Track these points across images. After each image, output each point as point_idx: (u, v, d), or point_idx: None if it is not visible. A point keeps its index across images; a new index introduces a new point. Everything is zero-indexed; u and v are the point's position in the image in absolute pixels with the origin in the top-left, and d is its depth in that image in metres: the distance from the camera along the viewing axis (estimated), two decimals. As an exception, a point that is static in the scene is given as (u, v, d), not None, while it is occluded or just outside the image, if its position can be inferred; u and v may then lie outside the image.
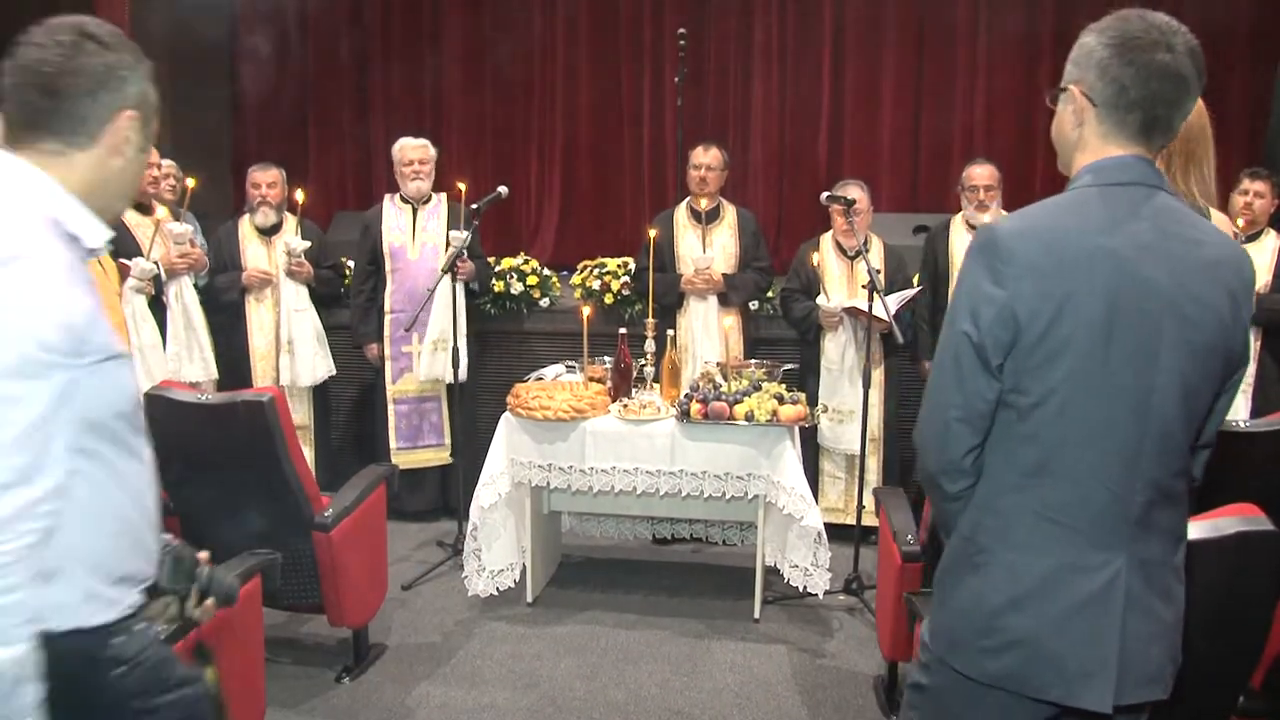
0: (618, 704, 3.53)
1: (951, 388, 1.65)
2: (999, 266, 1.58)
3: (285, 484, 3.39)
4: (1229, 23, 7.13)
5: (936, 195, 7.57)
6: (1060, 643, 1.61)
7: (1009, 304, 1.57)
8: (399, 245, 5.14)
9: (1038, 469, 1.61)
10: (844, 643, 4.02)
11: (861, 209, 4.68)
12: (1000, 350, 1.60)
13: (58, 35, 1.53)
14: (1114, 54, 1.59)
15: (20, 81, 1.53)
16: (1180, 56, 1.58)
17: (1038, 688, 1.62)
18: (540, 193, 8.32)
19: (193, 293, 4.83)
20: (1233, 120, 7.19)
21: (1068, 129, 1.69)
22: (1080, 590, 1.60)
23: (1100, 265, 1.55)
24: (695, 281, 4.90)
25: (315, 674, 3.72)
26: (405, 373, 5.17)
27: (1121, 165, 1.63)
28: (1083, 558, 1.61)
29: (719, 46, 7.98)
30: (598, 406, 4.08)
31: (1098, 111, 1.63)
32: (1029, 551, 1.63)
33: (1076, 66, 1.66)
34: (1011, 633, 1.63)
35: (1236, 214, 4.87)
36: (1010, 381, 1.61)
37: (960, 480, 1.70)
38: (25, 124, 1.53)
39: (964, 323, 1.62)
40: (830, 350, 4.80)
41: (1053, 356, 1.57)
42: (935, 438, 1.70)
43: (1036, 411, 1.60)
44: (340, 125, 8.42)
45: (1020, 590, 1.63)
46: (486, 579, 4.14)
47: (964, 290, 1.64)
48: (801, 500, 3.87)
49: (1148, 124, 1.61)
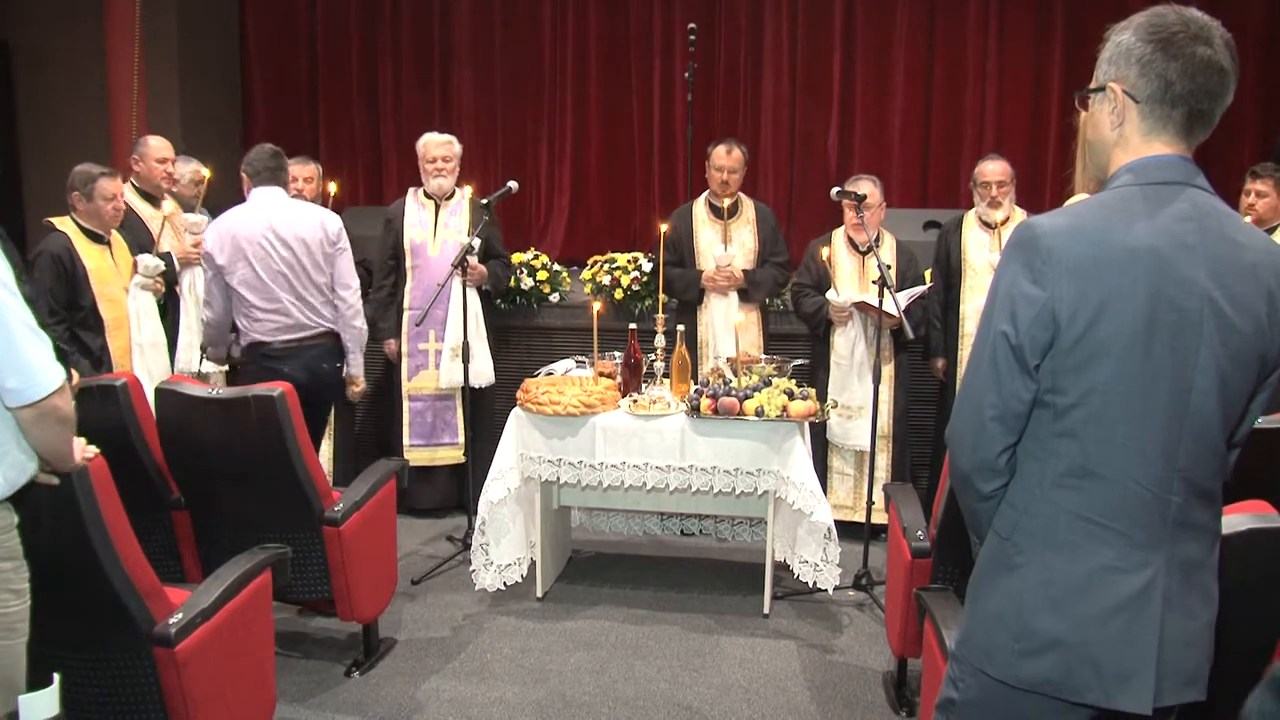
0: (627, 699, 3.53)
1: (988, 387, 1.63)
2: (1039, 265, 1.56)
3: (295, 479, 3.39)
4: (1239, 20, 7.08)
5: (948, 191, 7.55)
6: (1098, 645, 1.59)
7: (1049, 304, 1.56)
8: (420, 241, 5.14)
9: (1076, 469, 1.60)
10: (853, 639, 4.02)
11: (873, 204, 4.68)
12: (1039, 351, 1.58)
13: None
14: (1156, 50, 1.57)
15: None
16: (1220, 49, 1.57)
17: (1076, 690, 1.60)
18: (550, 188, 8.31)
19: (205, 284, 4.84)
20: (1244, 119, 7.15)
21: (1106, 129, 1.67)
22: (1119, 591, 1.58)
23: (1141, 265, 1.53)
24: (717, 279, 4.90)
25: (325, 668, 3.74)
26: (421, 370, 5.18)
27: (1163, 164, 1.61)
28: (1121, 558, 1.59)
29: (729, 41, 7.95)
30: (608, 402, 4.08)
31: (1140, 108, 1.61)
32: (1067, 552, 1.61)
33: (1114, 65, 1.63)
34: (1049, 635, 1.61)
35: (1242, 213, 4.84)
36: (1048, 381, 1.59)
37: (994, 480, 1.69)
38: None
39: (1003, 322, 1.60)
40: (840, 346, 4.79)
41: (1092, 357, 1.55)
42: (970, 437, 1.69)
43: (1074, 411, 1.58)
44: (350, 121, 8.43)
45: (1058, 591, 1.61)
46: (495, 574, 4.15)
47: (1002, 288, 1.62)
48: (811, 496, 3.87)
49: (1191, 119, 1.60)
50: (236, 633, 2.73)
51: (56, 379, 2.09)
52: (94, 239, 4.32)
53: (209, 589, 2.68)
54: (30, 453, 2.16)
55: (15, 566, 2.16)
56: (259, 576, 2.87)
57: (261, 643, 2.95)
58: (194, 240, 4.76)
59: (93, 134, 6.96)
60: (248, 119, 8.37)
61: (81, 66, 7.29)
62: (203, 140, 7.27)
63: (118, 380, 3.36)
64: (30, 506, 2.21)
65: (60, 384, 2.09)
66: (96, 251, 4.32)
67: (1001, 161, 4.85)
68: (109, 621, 2.47)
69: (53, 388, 2.08)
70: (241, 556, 2.87)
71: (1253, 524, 2.05)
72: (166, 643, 2.48)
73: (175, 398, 3.42)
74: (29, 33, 7.61)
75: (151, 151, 4.85)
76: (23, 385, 2.05)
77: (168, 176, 4.89)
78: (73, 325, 4.21)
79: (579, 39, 8.13)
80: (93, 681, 2.54)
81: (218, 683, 2.64)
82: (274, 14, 8.29)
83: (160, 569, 2.65)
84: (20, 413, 2.08)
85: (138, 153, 4.88)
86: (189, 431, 3.43)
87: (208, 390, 3.47)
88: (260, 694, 2.91)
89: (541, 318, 5.81)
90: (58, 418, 2.13)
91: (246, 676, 2.82)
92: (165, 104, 7.23)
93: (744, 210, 5.07)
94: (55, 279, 4.14)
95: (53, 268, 4.14)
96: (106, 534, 2.37)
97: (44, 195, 6.73)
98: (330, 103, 8.43)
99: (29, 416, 2.09)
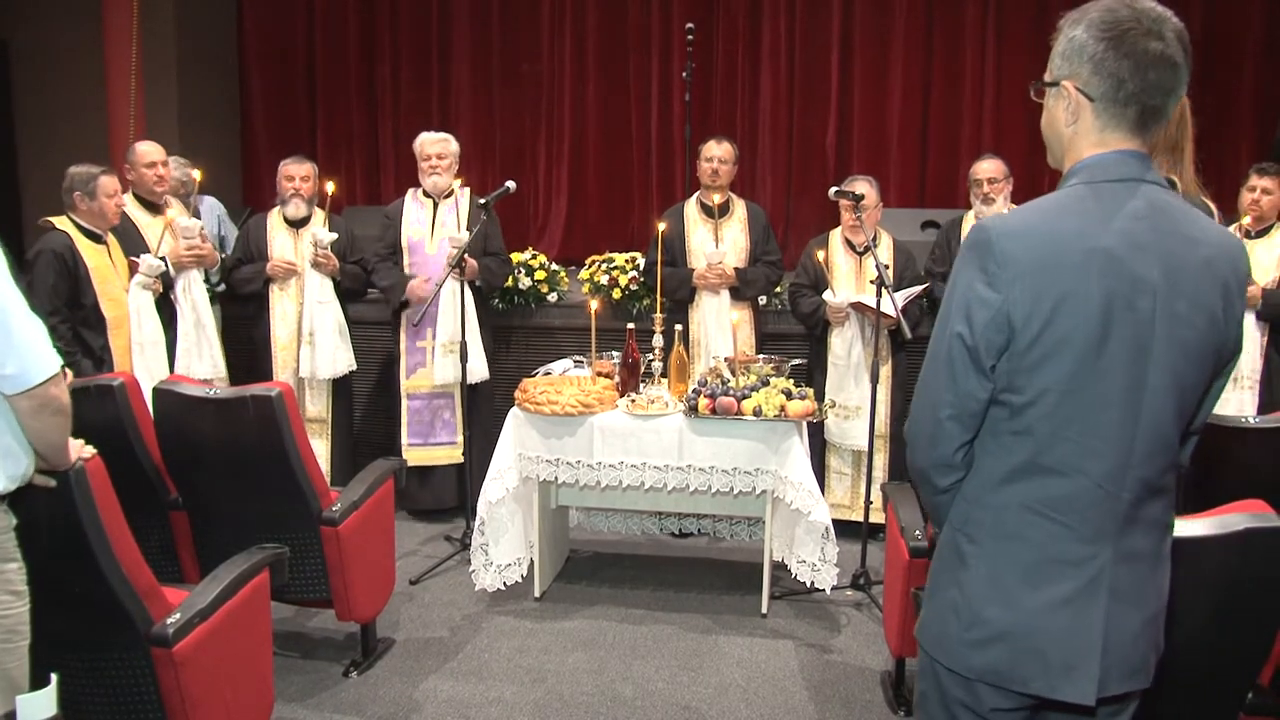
0: (625, 699, 3.53)
1: (944, 387, 1.65)
2: (992, 268, 1.57)
3: (293, 478, 3.39)
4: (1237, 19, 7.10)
5: (945, 191, 7.56)
6: (1044, 636, 1.61)
7: (1003, 307, 1.56)
8: (417, 239, 5.14)
9: (1028, 464, 1.61)
10: (851, 638, 4.02)
11: (870, 204, 4.68)
12: (994, 352, 1.59)
13: None
14: (1108, 47, 1.57)
15: None
16: (1172, 43, 1.57)
17: (1021, 680, 1.63)
18: (548, 187, 8.32)
19: (202, 289, 4.84)
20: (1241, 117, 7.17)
21: (1061, 125, 1.67)
22: (1065, 584, 1.61)
23: (1095, 266, 1.54)
24: (708, 276, 4.92)
25: (323, 668, 3.73)
26: (419, 368, 5.17)
27: (1116, 161, 1.61)
28: (1068, 551, 1.61)
29: (727, 41, 7.96)
30: (605, 401, 4.08)
31: (1094, 106, 1.62)
32: (1016, 544, 1.63)
33: (1067, 61, 1.64)
34: (996, 625, 1.64)
35: (1244, 210, 4.85)
36: (1003, 381, 1.61)
37: (951, 475, 1.71)
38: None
39: (958, 324, 1.61)
40: (837, 346, 4.80)
41: (1047, 357, 1.56)
42: (926, 435, 1.71)
43: (1029, 410, 1.59)
44: (348, 120, 8.44)
45: (1005, 582, 1.63)
46: (495, 574, 4.15)
47: (958, 290, 1.63)
48: (809, 496, 3.87)
49: (1145, 115, 1.60)
50: (234, 633, 2.73)
51: (53, 365, 2.09)
52: (93, 238, 4.32)
53: (207, 589, 2.67)
54: (26, 448, 2.16)
55: (15, 568, 2.16)
56: (257, 576, 2.87)
57: (259, 643, 2.95)
58: (188, 244, 4.75)
59: (90, 133, 6.96)
60: (245, 118, 8.37)
61: (79, 66, 7.30)
62: (201, 140, 7.29)
63: (115, 380, 3.36)
64: (28, 507, 2.22)
65: (57, 370, 2.10)
66: (96, 251, 4.31)
67: (996, 160, 4.86)
68: (107, 622, 2.47)
69: (50, 373, 2.08)
70: (239, 556, 2.87)
71: (1250, 524, 2.06)
72: (164, 643, 2.47)
73: (173, 397, 3.42)
74: (27, 32, 7.62)
75: (140, 157, 4.81)
76: (20, 371, 2.05)
77: (160, 180, 4.86)
78: (75, 324, 4.20)
79: (577, 39, 8.14)
80: (91, 682, 2.54)
81: (216, 683, 2.64)
82: (272, 14, 8.30)
83: (158, 569, 2.65)
84: (18, 401, 2.08)
85: (129, 160, 4.86)
86: (187, 431, 3.43)
87: (205, 390, 3.47)
88: (258, 694, 2.91)
89: (539, 317, 5.81)
90: (55, 408, 2.13)
91: (244, 676, 2.81)
92: (163, 104, 7.24)
93: (735, 209, 5.10)
94: (58, 276, 4.14)
95: (56, 265, 4.13)
96: (104, 534, 2.37)
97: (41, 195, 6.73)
98: (328, 103, 8.45)
99: (27, 406, 2.09)
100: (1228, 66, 7.15)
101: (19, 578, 2.17)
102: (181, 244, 4.76)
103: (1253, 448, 3.08)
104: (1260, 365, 4.74)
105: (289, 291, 5.10)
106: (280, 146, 7.87)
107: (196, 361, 4.77)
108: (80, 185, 4.27)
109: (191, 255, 4.76)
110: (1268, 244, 4.82)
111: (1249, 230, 4.84)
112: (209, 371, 4.81)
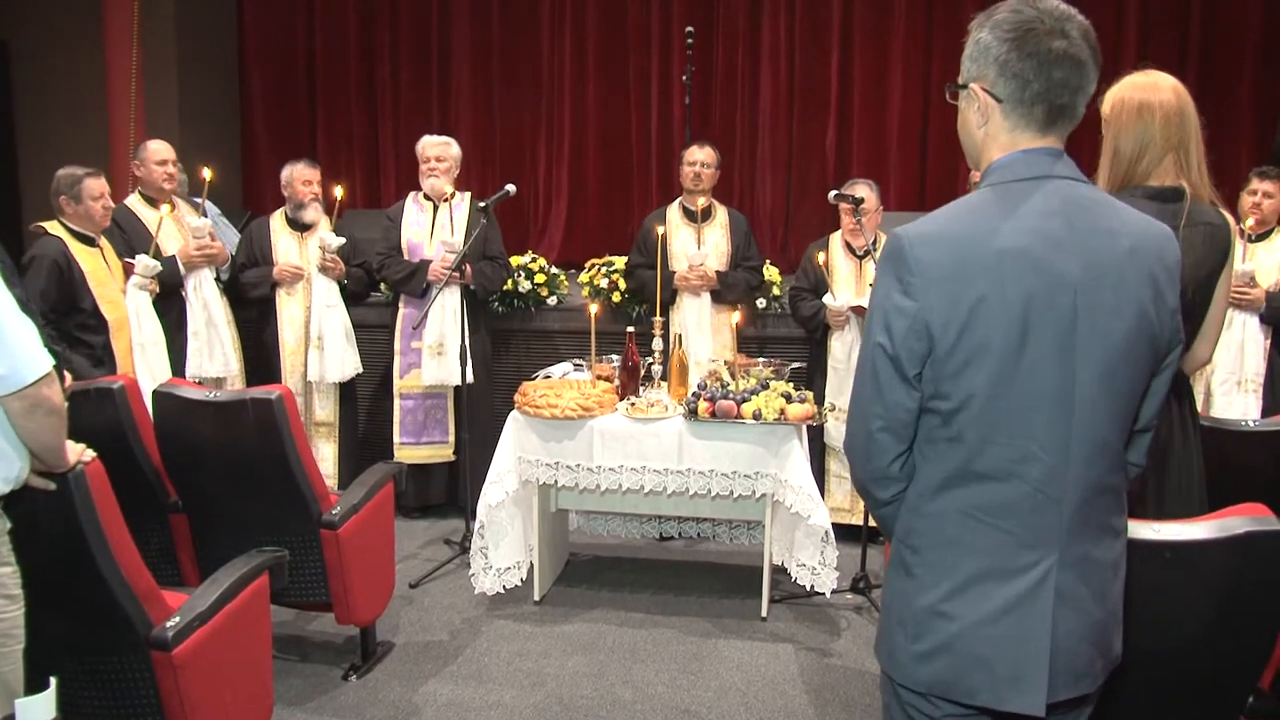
0: (625, 702, 3.53)
1: (872, 399, 1.64)
2: (907, 277, 1.56)
3: (293, 481, 3.39)
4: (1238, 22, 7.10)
5: (945, 194, 7.54)
6: (988, 645, 1.58)
7: (920, 315, 1.55)
8: (417, 242, 5.16)
9: (961, 471, 1.60)
10: (851, 642, 4.01)
11: (870, 208, 4.68)
12: (916, 361, 1.58)
13: None
14: (1011, 48, 1.57)
15: None
16: (1076, 41, 1.56)
17: (968, 692, 1.60)
18: (548, 190, 8.32)
19: (213, 287, 4.86)
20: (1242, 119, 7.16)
21: (973, 127, 1.67)
22: (1008, 591, 1.58)
23: (1010, 267, 1.53)
24: (690, 277, 4.94)
25: (323, 671, 3.73)
26: (413, 368, 5.18)
27: (1026, 160, 1.61)
28: (1011, 559, 1.58)
29: (727, 44, 7.96)
30: (605, 405, 4.08)
31: (1002, 107, 1.61)
32: (956, 551, 1.61)
33: (975, 63, 1.63)
34: (939, 636, 1.61)
35: (1246, 214, 4.84)
36: (930, 388, 1.59)
37: (891, 486, 1.69)
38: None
39: (879, 334, 1.60)
40: (837, 350, 4.80)
41: (968, 362, 1.55)
42: (861, 449, 1.70)
43: (958, 415, 1.58)
44: (348, 122, 8.44)
45: (947, 592, 1.61)
46: (493, 577, 4.15)
47: (877, 301, 1.62)
48: (809, 499, 3.87)
49: (1053, 113, 1.60)
50: (234, 636, 2.73)
51: (45, 365, 2.09)
52: (85, 241, 4.32)
53: (206, 592, 2.67)
54: (20, 449, 2.16)
55: (10, 572, 2.16)
56: (256, 580, 2.86)
57: (259, 646, 2.94)
58: (198, 244, 4.77)
59: (91, 134, 6.96)
60: (246, 120, 8.37)
61: (80, 67, 7.30)
62: (201, 141, 7.29)
63: (115, 383, 3.37)
64: (27, 510, 2.21)
65: (48, 371, 2.10)
66: (89, 254, 4.31)
67: None
68: (106, 625, 2.46)
69: (41, 373, 2.08)
70: (239, 560, 2.87)
71: (1249, 527, 2.05)
72: (164, 646, 2.47)
73: (172, 400, 3.42)
74: (28, 34, 7.62)
75: (150, 155, 4.86)
76: (10, 371, 2.05)
77: (169, 178, 4.89)
78: (73, 328, 4.20)
79: (577, 41, 8.14)
80: (90, 685, 2.53)
81: (215, 686, 2.63)
82: (272, 16, 8.29)
83: (157, 572, 2.65)
84: (10, 402, 2.08)
85: (138, 158, 4.89)
86: (186, 434, 3.43)
87: (205, 393, 3.47)
88: (258, 697, 2.90)
89: (539, 321, 5.81)
90: (48, 408, 2.13)
91: (244, 680, 2.81)
92: (164, 105, 7.24)
93: (716, 214, 5.17)
94: (53, 283, 4.13)
95: (52, 271, 4.13)
96: (103, 537, 2.37)
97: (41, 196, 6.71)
98: (328, 105, 8.45)
99: (18, 407, 2.09)
100: (1227, 69, 7.13)
101: (13, 582, 2.16)
102: (192, 243, 4.78)
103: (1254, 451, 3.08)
104: (1264, 368, 4.73)
105: (295, 296, 5.11)
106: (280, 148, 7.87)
107: (208, 361, 4.79)
108: (66, 189, 4.27)
109: (202, 255, 4.78)
110: (1269, 247, 4.82)
111: (1250, 234, 4.84)
112: (221, 370, 4.82)
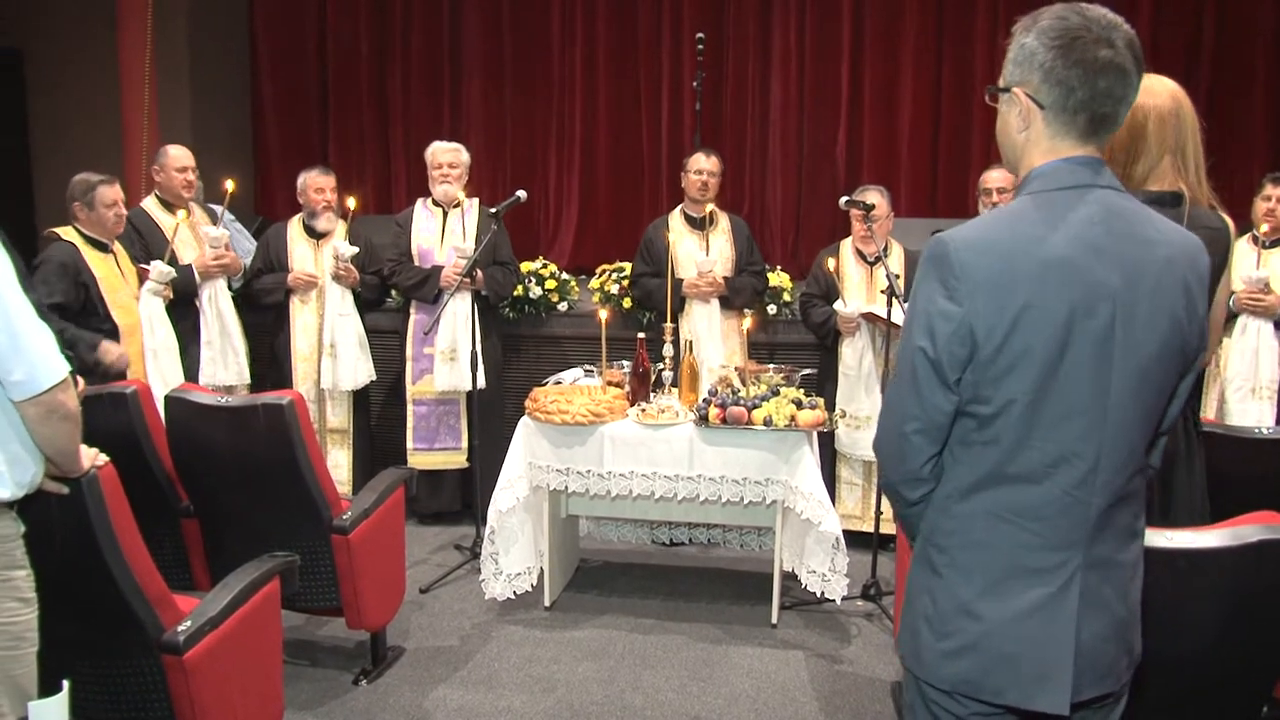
0: (635, 708, 3.52)
1: (910, 401, 1.65)
2: (952, 282, 1.57)
3: (304, 486, 3.40)
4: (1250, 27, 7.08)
5: (956, 200, 7.55)
6: (1015, 645, 1.60)
7: (965, 320, 1.56)
8: (427, 248, 5.17)
9: (995, 473, 1.61)
10: (861, 649, 4.00)
11: (881, 215, 4.68)
12: (957, 366, 1.59)
13: None
14: (1057, 55, 1.57)
15: None
16: (1121, 50, 1.57)
17: (994, 690, 1.61)
18: (559, 197, 8.34)
19: (228, 297, 4.89)
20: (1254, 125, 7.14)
21: (1014, 132, 1.67)
22: (1035, 592, 1.60)
23: (1054, 275, 1.54)
24: (699, 284, 4.94)
25: (333, 676, 3.74)
26: (426, 374, 5.19)
27: (1068, 169, 1.61)
28: (1038, 559, 1.60)
29: (737, 50, 7.97)
30: (616, 411, 4.08)
31: (1045, 114, 1.62)
32: (984, 552, 1.62)
33: (1019, 68, 1.63)
34: (966, 635, 1.63)
35: (1259, 220, 4.82)
36: (969, 393, 1.60)
37: (920, 488, 1.71)
38: None
39: (921, 338, 1.61)
40: (848, 356, 4.79)
41: (1011, 368, 1.56)
42: (894, 450, 1.71)
43: (996, 420, 1.59)
44: (360, 129, 8.47)
45: (975, 592, 1.62)
46: (504, 582, 4.15)
47: (919, 304, 1.63)
48: (820, 505, 3.86)
49: (1095, 122, 1.60)
50: (245, 641, 2.74)
51: (61, 370, 2.10)
52: (98, 247, 4.34)
53: (217, 597, 2.68)
54: (35, 454, 2.17)
55: (24, 575, 2.17)
56: (267, 584, 2.87)
57: (270, 651, 2.95)
58: (214, 254, 4.80)
59: (104, 143, 7.00)
60: (258, 128, 8.42)
61: (93, 76, 7.35)
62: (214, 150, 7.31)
63: (128, 388, 3.38)
64: (40, 514, 2.22)
65: (65, 376, 2.11)
66: (102, 260, 4.33)
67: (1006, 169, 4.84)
68: (118, 629, 2.47)
69: (57, 379, 2.09)
70: (250, 564, 2.88)
71: (1262, 535, 2.05)
72: (175, 650, 2.48)
73: (185, 406, 3.43)
74: (42, 42, 7.67)
75: (171, 161, 4.88)
76: (28, 377, 2.06)
77: (188, 185, 4.92)
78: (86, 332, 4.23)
79: (587, 48, 8.16)
80: (102, 689, 2.54)
81: (226, 690, 2.64)
82: (284, 24, 8.34)
83: (169, 577, 2.66)
84: (26, 407, 2.09)
85: (159, 163, 4.92)
86: (198, 439, 3.44)
87: (217, 398, 3.49)
88: (268, 702, 2.91)
89: (550, 327, 5.81)
90: (63, 414, 2.14)
91: (255, 684, 2.82)
92: (176, 113, 7.28)
93: (719, 221, 5.15)
94: (67, 286, 4.15)
95: (62, 275, 4.15)
96: (116, 542, 2.38)
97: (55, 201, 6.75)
98: (340, 113, 8.48)
99: (35, 413, 2.10)
100: (1239, 75, 7.12)
101: (27, 585, 2.17)
102: (208, 253, 4.80)
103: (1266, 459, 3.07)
104: (1278, 375, 4.70)
105: (309, 304, 5.13)
106: (292, 155, 7.92)
107: (221, 370, 4.83)
108: (79, 195, 4.30)
109: (218, 265, 4.80)
110: (1281, 254, 4.80)
111: (1264, 240, 4.81)
112: (234, 379, 4.86)
